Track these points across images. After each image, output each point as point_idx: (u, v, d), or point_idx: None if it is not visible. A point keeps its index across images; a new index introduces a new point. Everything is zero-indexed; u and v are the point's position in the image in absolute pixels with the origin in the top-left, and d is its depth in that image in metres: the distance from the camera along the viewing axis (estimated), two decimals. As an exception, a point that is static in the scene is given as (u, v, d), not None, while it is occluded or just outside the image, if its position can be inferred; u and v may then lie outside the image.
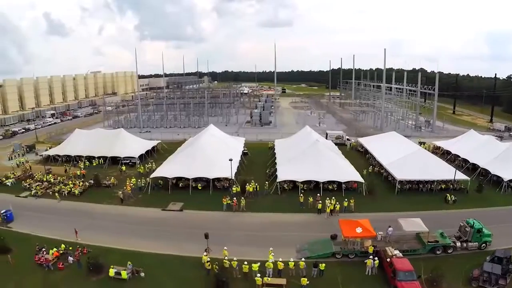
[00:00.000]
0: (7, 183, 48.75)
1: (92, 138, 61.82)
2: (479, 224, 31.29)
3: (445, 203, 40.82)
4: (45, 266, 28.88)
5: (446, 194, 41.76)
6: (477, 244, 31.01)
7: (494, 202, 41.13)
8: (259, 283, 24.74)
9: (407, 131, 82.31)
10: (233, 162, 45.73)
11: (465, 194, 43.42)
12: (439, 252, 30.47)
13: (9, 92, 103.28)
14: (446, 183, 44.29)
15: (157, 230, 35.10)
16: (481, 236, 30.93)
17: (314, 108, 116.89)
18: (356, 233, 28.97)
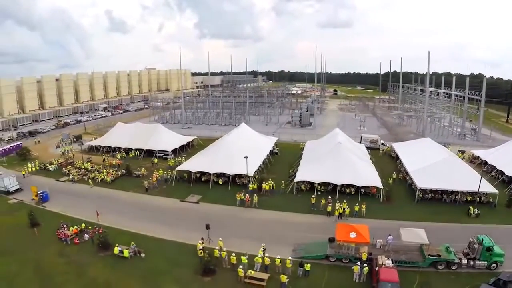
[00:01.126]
0: (50, 169, 56.27)
1: (131, 131, 68.32)
2: (490, 242, 29.82)
3: (467, 216, 39.44)
4: (64, 240, 33.82)
5: (470, 206, 40.33)
6: (486, 264, 29.62)
7: None
8: (241, 275, 26.56)
9: (450, 139, 78.85)
10: (257, 160, 48.29)
11: (492, 208, 41.72)
12: (442, 268, 29.60)
13: (65, 86, 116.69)
14: (472, 195, 42.50)
15: (170, 218, 38.67)
16: (491, 255, 29.55)
17: (359, 111, 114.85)
18: (350, 238, 29.47)
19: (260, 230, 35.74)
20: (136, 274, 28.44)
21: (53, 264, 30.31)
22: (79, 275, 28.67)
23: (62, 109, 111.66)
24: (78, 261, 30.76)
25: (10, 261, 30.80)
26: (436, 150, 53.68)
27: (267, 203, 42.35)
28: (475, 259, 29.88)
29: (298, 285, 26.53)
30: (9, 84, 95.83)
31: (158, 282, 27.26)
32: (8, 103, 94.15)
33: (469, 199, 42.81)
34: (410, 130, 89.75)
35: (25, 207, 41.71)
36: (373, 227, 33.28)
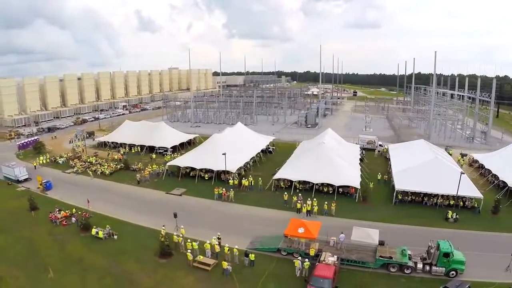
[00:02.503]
0: (59, 161, 63.45)
1: (136, 129, 74.83)
2: (448, 248, 29.51)
3: (445, 221, 40.12)
4: (54, 222, 39.86)
5: (448, 211, 41.13)
6: (444, 270, 29.40)
7: (506, 227, 38.78)
8: (190, 259, 30.80)
9: (458, 141, 79.25)
10: (244, 157, 53.12)
11: (476, 214, 42.18)
12: (394, 270, 30.02)
13: (86, 84, 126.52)
14: (455, 199, 42.90)
15: (151, 208, 43.71)
16: (449, 261, 29.28)
17: (369, 112, 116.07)
18: (298, 233, 32.07)
19: (229, 222, 39.79)
20: (105, 252, 33.68)
21: (41, 241, 36.22)
22: (60, 251, 34.37)
23: (83, 107, 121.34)
24: (62, 239, 36.52)
25: (7, 237, 37.09)
26: (426, 152, 54.87)
27: (244, 198, 46.51)
28: (431, 265, 29.78)
29: (242, 273, 30.05)
30: (32, 82, 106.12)
31: (121, 259, 32.27)
32: (31, 101, 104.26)
33: (452, 203, 43.31)
34: (417, 132, 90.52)
35: (30, 194, 48.30)
36: (339, 226, 35.87)
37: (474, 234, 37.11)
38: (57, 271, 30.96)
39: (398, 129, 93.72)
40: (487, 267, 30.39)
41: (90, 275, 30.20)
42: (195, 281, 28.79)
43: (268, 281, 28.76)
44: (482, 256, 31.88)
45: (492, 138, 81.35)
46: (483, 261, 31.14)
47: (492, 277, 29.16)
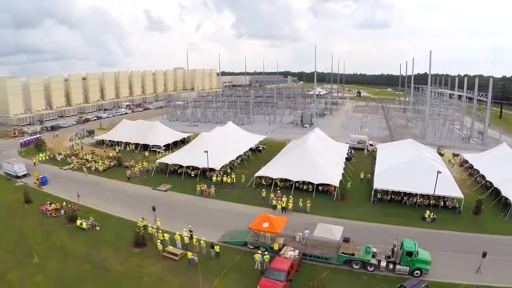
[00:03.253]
0: (57, 158, 67.39)
1: (133, 128, 78.51)
2: (412, 247, 29.97)
3: (422, 221, 40.92)
4: (44, 213, 43.37)
5: (426, 210, 41.94)
6: (408, 269, 29.88)
7: (485, 228, 39.35)
8: (160, 249, 33.77)
9: (454, 142, 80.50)
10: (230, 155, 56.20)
11: (457, 214, 42.76)
12: (357, 267, 30.97)
13: (91, 84, 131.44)
14: (436, 198, 44.12)
15: (136, 202, 46.77)
16: (413, 260, 29.70)
17: (367, 112, 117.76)
18: (262, 227, 34.16)
19: (206, 217, 42.52)
20: (86, 241, 36.94)
21: (30, 231, 39.73)
22: (46, 239, 37.78)
23: (87, 106, 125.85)
24: (49, 229, 39.97)
25: (0, 226, 40.68)
26: (410, 152, 55.82)
27: (225, 195, 49.29)
28: (395, 263, 30.34)
29: (207, 263, 32.57)
30: (38, 82, 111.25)
31: (99, 248, 35.46)
32: (36, 100, 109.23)
33: (432, 203, 44.19)
34: (413, 132, 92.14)
35: (27, 188, 52.02)
36: (312, 223, 36.90)
37: (450, 235, 37.85)
38: (41, 257, 34.28)
39: (394, 129, 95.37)
40: (458, 268, 30.90)
41: (70, 261, 33.45)
42: (162, 269, 31.70)
43: (230, 272, 31.06)
44: (455, 256, 32.64)
45: (490, 139, 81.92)
46: (454, 262, 31.84)
47: (461, 278, 29.50)
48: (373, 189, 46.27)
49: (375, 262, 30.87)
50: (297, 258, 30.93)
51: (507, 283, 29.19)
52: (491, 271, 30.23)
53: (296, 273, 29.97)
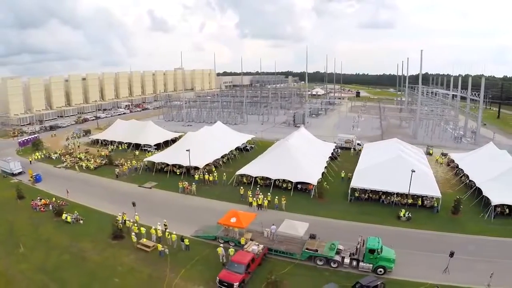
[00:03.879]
0: (53, 157, 70.76)
1: (126, 127, 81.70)
2: (375, 244, 30.64)
3: (397, 220, 41.95)
4: (34, 208, 46.60)
5: (401, 209, 42.84)
6: (372, 267, 30.55)
7: (462, 228, 40.17)
8: (134, 241, 36.69)
9: (446, 141, 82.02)
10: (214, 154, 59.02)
11: (435, 213, 43.57)
12: (321, 263, 32.02)
13: (91, 84, 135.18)
14: (413, 197, 44.98)
15: (121, 198, 49.36)
16: (376, 258, 30.33)
17: (363, 112, 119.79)
18: (230, 222, 36.42)
19: (184, 212, 45.21)
20: (69, 234, 39.97)
21: (20, 224, 42.90)
22: (33, 232, 40.92)
23: (87, 106, 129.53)
24: (37, 223, 43.09)
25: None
26: (392, 151, 56.58)
27: (206, 192, 52.04)
28: (359, 261, 31.18)
29: (177, 255, 35.01)
30: (38, 83, 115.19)
31: (80, 240, 38.39)
32: (37, 100, 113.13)
33: (410, 202, 44.94)
34: (405, 132, 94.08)
35: (21, 185, 55.26)
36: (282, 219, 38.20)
37: (424, 234, 38.76)
38: (27, 247, 37.37)
39: (386, 129, 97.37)
40: (426, 267, 31.74)
41: (53, 251, 36.52)
42: (134, 260, 34.55)
43: (197, 264, 33.41)
44: (426, 256, 33.51)
45: (484, 138, 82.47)
46: (424, 261, 32.73)
47: (427, 277, 30.11)
48: (349, 187, 47.68)
49: (338, 259, 31.83)
50: (260, 252, 32.66)
51: (474, 284, 29.50)
52: (459, 271, 30.83)
53: (259, 267, 32.14)
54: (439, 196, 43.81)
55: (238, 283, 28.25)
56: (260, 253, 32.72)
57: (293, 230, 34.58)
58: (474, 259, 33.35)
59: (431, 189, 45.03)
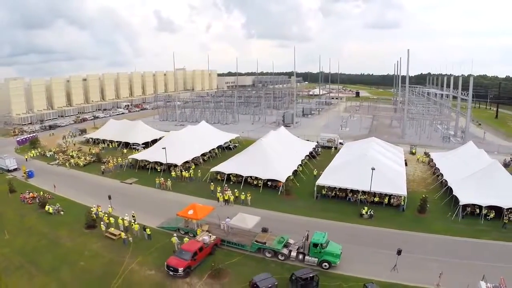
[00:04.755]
0: (47, 155, 76.36)
1: (118, 127, 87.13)
2: (320, 239, 32.52)
3: (359, 217, 44.02)
4: (22, 201, 51.90)
5: (364, 207, 45.14)
6: (316, 260, 32.42)
7: (425, 227, 41.61)
8: (102, 230, 41.57)
9: (434, 141, 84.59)
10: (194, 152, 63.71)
11: (400, 212, 45.31)
12: (269, 255, 34.51)
13: (91, 85, 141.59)
14: (382, 196, 46.77)
15: (101, 192, 53.74)
16: (320, 252, 32.22)
17: (357, 112, 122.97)
18: (187, 214, 40.46)
19: (156, 206, 49.52)
20: (50, 223, 45.04)
21: (7, 214, 48.16)
22: (19, 221, 46.09)
23: (87, 106, 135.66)
24: (24, 214, 48.28)
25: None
26: (365, 149, 58.90)
27: (181, 188, 56.63)
28: (305, 254, 33.13)
29: (140, 243, 39.35)
30: (39, 83, 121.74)
31: (58, 228, 43.38)
32: (38, 101, 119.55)
33: (376, 200, 46.98)
34: (394, 131, 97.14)
35: (14, 181, 60.67)
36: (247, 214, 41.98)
37: (383, 231, 40.54)
38: (12, 234, 42.44)
39: (375, 129, 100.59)
40: (376, 264, 33.13)
41: (33, 238, 41.57)
42: (101, 246, 39.21)
43: (154, 252, 37.45)
44: (379, 253, 34.91)
45: (476, 138, 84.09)
46: (376, 258, 34.23)
47: (374, 274, 31.47)
48: (315, 185, 50.25)
49: (286, 252, 34.11)
50: (211, 242, 36.12)
51: (422, 283, 30.76)
52: (410, 269, 32.28)
53: (211, 256, 35.70)
54: (404, 195, 45.50)
55: (182, 269, 32.25)
56: (211, 243, 36.16)
57: (243, 223, 37.47)
58: (430, 258, 34.67)
59: (396, 188, 46.56)
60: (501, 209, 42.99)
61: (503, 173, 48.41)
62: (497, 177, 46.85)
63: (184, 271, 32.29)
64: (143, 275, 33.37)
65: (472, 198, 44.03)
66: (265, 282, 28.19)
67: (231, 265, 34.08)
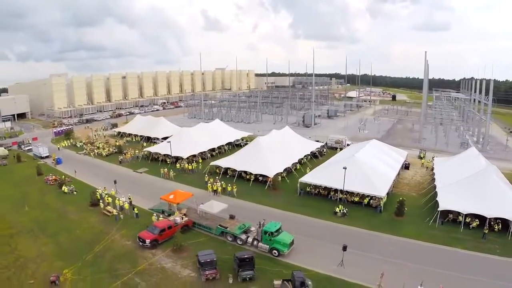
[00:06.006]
0: (77, 145, 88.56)
1: (143, 122, 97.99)
2: (271, 227, 37.36)
3: (333, 215, 47.83)
4: (46, 182, 62.96)
5: (339, 205, 48.84)
6: (268, 247, 37.32)
7: (398, 230, 43.86)
8: (101, 207, 50.63)
9: (451, 147, 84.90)
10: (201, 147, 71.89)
11: (377, 213, 48.33)
12: (230, 239, 40.38)
13: (130, 82, 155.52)
14: (364, 197, 50.04)
15: (114, 178, 63.75)
16: (271, 240, 37.03)
17: (378, 116, 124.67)
18: (168, 198, 48.39)
19: (155, 192, 56.31)
20: (63, 201, 55.04)
21: (31, 193, 59.05)
22: (39, 198, 56.59)
23: (125, 102, 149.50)
24: (44, 192, 58.99)
25: (14, 189, 60.85)
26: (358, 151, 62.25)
27: (183, 178, 64.64)
28: (259, 241, 38.25)
29: (128, 220, 47.73)
30: (80, 80, 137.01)
31: (68, 204, 53.23)
32: (79, 96, 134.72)
33: (356, 200, 50.59)
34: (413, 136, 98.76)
35: (43, 166, 72.51)
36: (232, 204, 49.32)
37: (349, 229, 44.25)
38: (31, 207, 52.84)
39: (394, 132, 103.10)
40: (327, 259, 36.64)
41: (47, 211, 51.60)
42: (97, 221, 48.06)
43: (138, 227, 44.57)
44: (334, 249, 37.43)
45: (498, 146, 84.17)
46: (329, 253, 37.38)
47: (317, 267, 35.37)
48: (298, 182, 55.51)
49: (243, 237, 39.45)
50: (181, 223, 43.57)
51: (363, 281, 33.44)
52: (356, 267, 35.35)
53: (181, 234, 42.17)
54: (381, 196, 48.34)
55: (149, 241, 39.95)
56: (181, 224, 43.62)
57: (210, 208, 44.57)
58: (385, 260, 37.09)
59: (374, 189, 49.21)
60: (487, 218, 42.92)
61: (494, 180, 47.85)
62: (487, 184, 46.99)
63: (150, 243, 39.93)
64: (121, 244, 41.54)
65: (452, 204, 45.00)
66: (205, 256, 34.39)
67: (196, 244, 40.79)
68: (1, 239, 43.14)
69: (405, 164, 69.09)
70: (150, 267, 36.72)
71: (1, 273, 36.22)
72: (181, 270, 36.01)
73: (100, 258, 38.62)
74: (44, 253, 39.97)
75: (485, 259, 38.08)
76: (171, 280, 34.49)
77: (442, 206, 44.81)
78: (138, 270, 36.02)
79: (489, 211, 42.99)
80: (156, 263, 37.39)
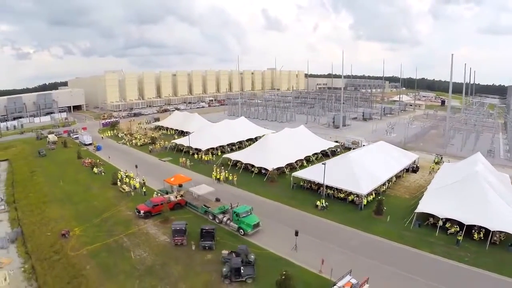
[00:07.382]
0: (119, 135, 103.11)
1: (180, 117, 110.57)
2: (241, 210, 45.13)
3: (314, 208, 53.01)
4: (82, 164, 76.80)
5: (321, 199, 53.77)
6: (236, 226, 45.12)
7: (369, 227, 47.17)
8: (118, 185, 62.51)
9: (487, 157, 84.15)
10: (220, 141, 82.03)
11: (358, 210, 52.20)
12: (211, 218, 49.02)
13: (180, 80, 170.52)
14: (347, 193, 54.31)
15: (140, 164, 75.78)
16: (238, 220, 44.86)
17: (412, 119, 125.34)
18: (170, 180, 58.83)
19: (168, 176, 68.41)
20: (92, 179, 67.80)
21: (69, 171, 72.95)
22: (73, 176, 69.96)
23: (174, 99, 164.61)
24: (79, 172, 72.61)
25: (57, 168, 75.39)
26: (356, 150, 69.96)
27: (198, 167, 74.64)
28: (230, 220, 46.71)
29: (137, 197, 57.93)
30: (132, 76, 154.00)
31: (95, 182, 65.70)
32: (130, 91, 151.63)
33: (342, 196, 55.18)
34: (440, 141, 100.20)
35: (84, 151, 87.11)
36: (228, 191, 59.56)
37: (322, 222, 49.33)
38: (65, 183, 66.25)
39: (420, 137, 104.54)
40: (287, 244, 41.51)
41: (77, 186, 64.54)
42: (113, 196, 59.60)
43: (141, 202, 54.76)
44: (300, 237, 41.25)
45: None
46: (292, 240, 41.35)
47: (272, 247, 41.69)
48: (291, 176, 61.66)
49: (220, 217, 47.96)
50: (174, 201, 53.19)
51: (307, 265, 38.19)
52: (307, 252, 40.32)
53: (175, 212, 52.01)
54: (362, 194, 52.13)
55: (143, 212, 50.55)
56: (173, 202, 53.36)
57: (197, 190, 54.06)
58: (339, 250, 41.47)
59: (358, 187, 52.86)
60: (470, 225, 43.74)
61: (480, 186, 47.78)
62: (472, 190, 47.48)
63: (144, 214, 50.62)
64: (124, 214, 52.56)
65: (431, 207, 46.85)
66: (177, 225, 43.22)
67: (183, 219, 49.24)
68: (36, 205, 56.22)
69: (412, 168, 72.39)
70: (138, 231, 47.01)
71: (28, 227, 48.84)
72: (160, 236, 45.87)
73: (104, 222, 49.81)
74: (64, 216, 52.10)
75: (446, 264, 39.07)
76: (150, 242, 44.35)
77: (419, 209, 47.04)
78: (128, 233, 46.49)
79: (467, 217, 43.66)
80: (144, 229, 47.58)
